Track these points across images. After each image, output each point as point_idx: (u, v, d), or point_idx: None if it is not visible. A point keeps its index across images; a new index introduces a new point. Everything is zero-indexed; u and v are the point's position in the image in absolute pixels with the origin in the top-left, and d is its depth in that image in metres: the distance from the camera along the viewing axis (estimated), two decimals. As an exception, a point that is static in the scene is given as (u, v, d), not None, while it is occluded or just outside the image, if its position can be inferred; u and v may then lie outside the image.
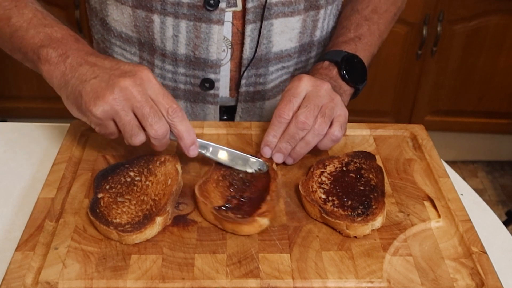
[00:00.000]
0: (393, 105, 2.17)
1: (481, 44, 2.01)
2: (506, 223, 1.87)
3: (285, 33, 0.84)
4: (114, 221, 0.63)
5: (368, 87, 2.33)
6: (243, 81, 0.86)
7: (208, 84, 0.85)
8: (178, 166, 0.71)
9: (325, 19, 0.88)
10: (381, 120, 2.14)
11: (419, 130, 0.83)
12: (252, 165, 0.72)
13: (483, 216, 0.74)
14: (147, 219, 0.64)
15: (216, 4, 0.78)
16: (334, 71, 0.81)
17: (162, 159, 0.72)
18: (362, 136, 0.82)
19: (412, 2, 1.91)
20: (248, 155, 0.73)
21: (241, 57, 0.84)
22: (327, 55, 0.83)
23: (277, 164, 0.74)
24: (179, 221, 0.66)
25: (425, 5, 1.92)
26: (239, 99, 0.89)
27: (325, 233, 0.65)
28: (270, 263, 0.61)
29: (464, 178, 0.81)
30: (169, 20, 0.80)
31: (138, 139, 0.66)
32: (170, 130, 0.67)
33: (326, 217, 0.64)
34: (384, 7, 0.90)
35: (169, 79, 0.87)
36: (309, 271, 0.60)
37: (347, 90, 0.82)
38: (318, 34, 0.88)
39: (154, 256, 0.61)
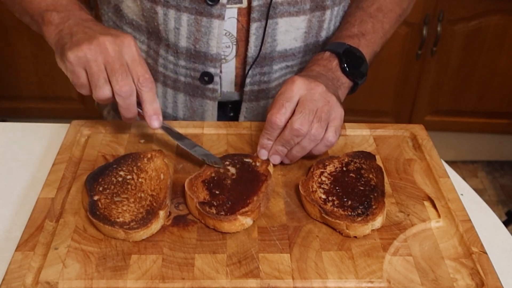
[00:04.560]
0: (393, 105, 2.17)
1: (481, 44, 2.01)
2: (506, 223, 1.87)
3: (290, 33, 0.84)
4: (118, 220, 0.63)
5: (368, 87, 2.34)
6: (247, 80, 0.87)
7: (208, 78, 0.86)
8: (166, 160, 0.72)
9: (331, 20, 0.88)
10: (381, 120, 2.14)
11: (419, 130, 0.83)
12: (208, 158, 0.73)
13: (483, 216, 0.74)
14: (150, 214, 0.64)
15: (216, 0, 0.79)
16: (334, 62, 0.80)
17: (149, 155, 0.73)
18: (362, 136, 0.82)
19: (412, 2, 1.92)
20: (205, 151, 0.75)
21: (246, 55, 0.84)
22: (329, 46, 0.82)
23: (274, 165, 0.74)
24: (179, 221, 0.66)
25: (425, 5, 1.92)
26: (244, 98, 0.89)
27: (325, 233, 0.65)
28: (270, 263, 0.61)
29: (464, 178, 0.81)
30: (172, 13, 0.81)
31: (103, 92, 0.69)
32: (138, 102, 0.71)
33: (326, 217, 0.64)
34: (389, 6, 0.90)
35: (171, 70, 0.87)
36: (309, 271, 0.60)
37: (346, 83, 0.81)
38: (323, 34, 0.88)
39: (154, 256, 0.61)
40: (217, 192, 0.68)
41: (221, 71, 0.86)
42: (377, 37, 0.86)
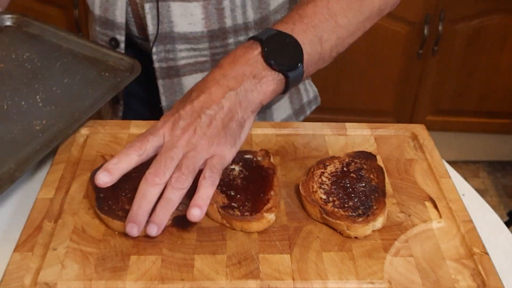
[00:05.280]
0: (394, 105, 2.17)
1: (482, 43, 2.00)
2: (508, 224, 1.87)
3: (185, 17, 0.86)
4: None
5: (368, 86, 2.35)
6: (154, 56, 0.91)
7: (114, 42, 0.92)
8: None
9: (234, 9, 0.86)
10: (382, 120, 2.14)
11: (420, 130, 0.82)
12: None
13: (484, 217, 0.74)
14: None
15: None
16: (257, 51, 0.66)
17: None
18: (362, 136, 0.82)
19: (413, 1, 1.92)
20: None
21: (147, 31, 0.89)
22: (256, 34, 0.69)
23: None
24: (179, 221, 0.65)
25: (426, 4, 1.92)
26: (157, 76, 0.93)
27: (326, 234, 0.65)
28: (270, 264, 0.60)
29: (465, 179, 0.81)
30: None
31: None
32: None
33: (327, 217, 0.64)
34: None
35: (94, 36, 0.96)
36: (310, 272, 0.60)
37: (269, 76, 0.66)
38: (229, 22, 0.87)
39: (154, 257, 0.61)
40: (232, 193, 0.67)
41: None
42: (320, 20, 0.71)
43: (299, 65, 0.67)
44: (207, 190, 0.60)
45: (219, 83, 0.64)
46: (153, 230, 0.60)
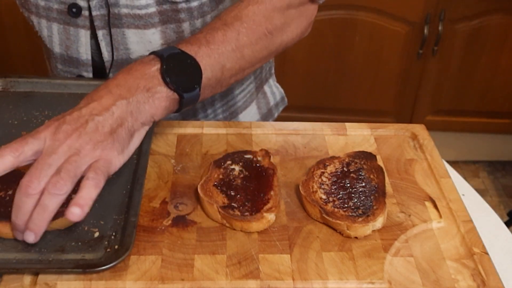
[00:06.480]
0: (394, 105, 2.17)
1: (482, 43, 2.00)
2: (507, 224, 1.87)
3: (142, 44, 0.83)
4: None
5: (368, 86, 2.34)
6: None
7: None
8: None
9: (194, 31, 0.84)
10: (382, 119, 2.14)
11: (420, 130, 0.82)
12: None
13: (484, 217, 0.74)
14: None
15: (78, 12, 0.81)
16: (155, 67, 0.65)
17: None
18: (362, 136, 0.82)
19: (413, 1, 1.92)
20: None
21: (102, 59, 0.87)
22: (158, 49, 0.68)
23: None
24: (179, 221, 0.65)
25: (426, 4, 1.91)
26: None
27: (326, 234, 0.65)
28: (270, 264, 0.60)
29: (465, 178, 0.81)
30: (44, 22, 0.85)
31: None
32: None
33: (327, 217, 0.64)
34: (252, 16, 0.73)
35: (56, 73, 0.91)
36: (310, 272, 0.60)
37: (163, 92, 0.64)
38: None
39: (154, 257, 0.61)
40: (232, 193, 0.67)
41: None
42: (226, 49, 0.70)
43: (195, 87, 0.67)
44: (89, 191, 0.56)
45: (111, 92, 0.62)
46: (30, 238, 0.57)
